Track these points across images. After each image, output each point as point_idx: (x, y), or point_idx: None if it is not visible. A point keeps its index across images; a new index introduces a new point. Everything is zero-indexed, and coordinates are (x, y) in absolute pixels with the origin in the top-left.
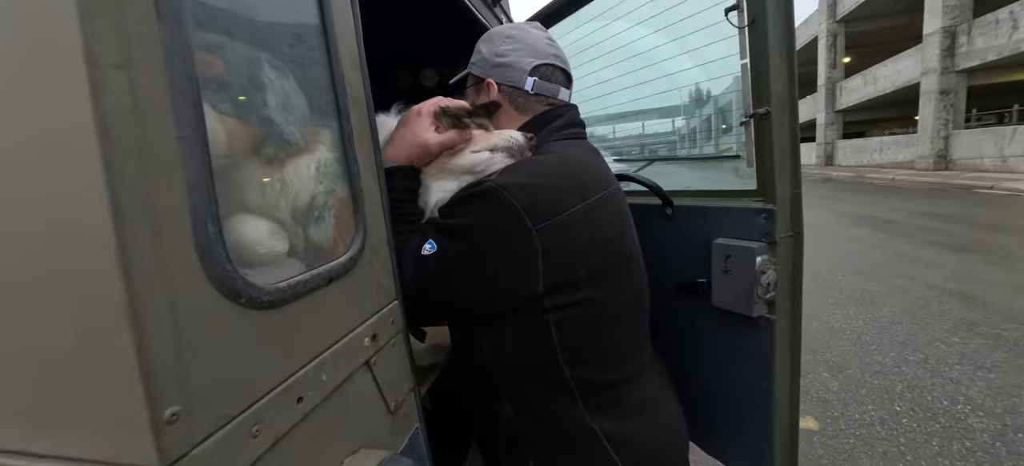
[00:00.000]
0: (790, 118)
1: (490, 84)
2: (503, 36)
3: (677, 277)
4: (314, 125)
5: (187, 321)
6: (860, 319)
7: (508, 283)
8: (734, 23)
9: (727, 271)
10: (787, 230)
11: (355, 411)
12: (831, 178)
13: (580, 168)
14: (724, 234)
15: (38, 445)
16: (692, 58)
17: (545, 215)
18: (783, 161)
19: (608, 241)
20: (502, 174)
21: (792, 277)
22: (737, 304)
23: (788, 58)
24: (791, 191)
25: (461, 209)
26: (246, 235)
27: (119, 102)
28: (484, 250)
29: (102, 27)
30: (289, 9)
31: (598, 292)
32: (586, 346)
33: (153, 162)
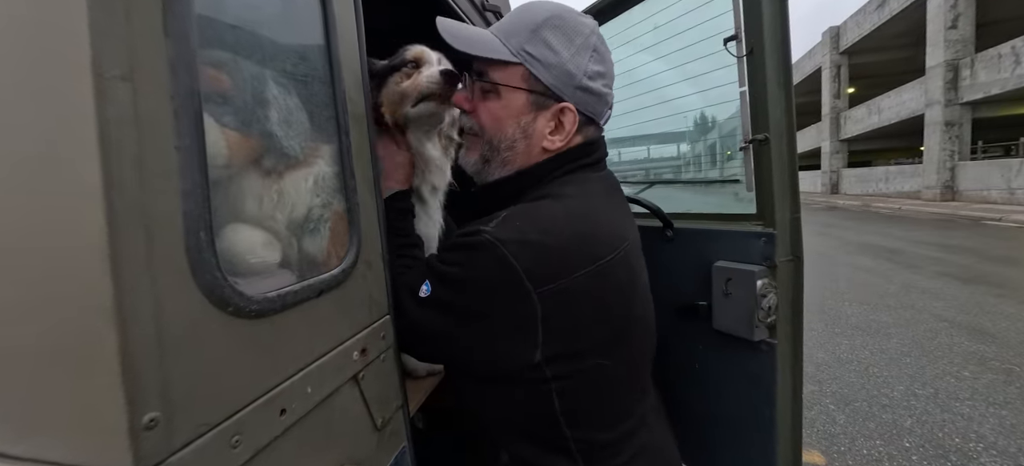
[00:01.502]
0: (788, 145)
1: (569, 110)
2: (588, 45)
3: (678, 299)
4: (314, 140)
5: (172, 326)
6: (867, 350)
7: (503, 348)
8: (733, 53)
9: (728, 294)
10: (787, 254)
11: (340, 426)
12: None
13: (593, 222)
14: (725, 257)
15: (20, 448)
16: (694, 85)
17: (548, 278)
18: (782, 186)
19: (617, 305)
20: (502, 225)
21: (793, 301)
22: (738, 327)
23: (785, 87)
24: (790, 215)
25: (455, 256)
26: (239, 244)
27: (121, 112)
28: (474, 307)
29: (110, 41)
30: (295, 29)
31: (604, 358)
32: (589, 409)
33: (150, 170)
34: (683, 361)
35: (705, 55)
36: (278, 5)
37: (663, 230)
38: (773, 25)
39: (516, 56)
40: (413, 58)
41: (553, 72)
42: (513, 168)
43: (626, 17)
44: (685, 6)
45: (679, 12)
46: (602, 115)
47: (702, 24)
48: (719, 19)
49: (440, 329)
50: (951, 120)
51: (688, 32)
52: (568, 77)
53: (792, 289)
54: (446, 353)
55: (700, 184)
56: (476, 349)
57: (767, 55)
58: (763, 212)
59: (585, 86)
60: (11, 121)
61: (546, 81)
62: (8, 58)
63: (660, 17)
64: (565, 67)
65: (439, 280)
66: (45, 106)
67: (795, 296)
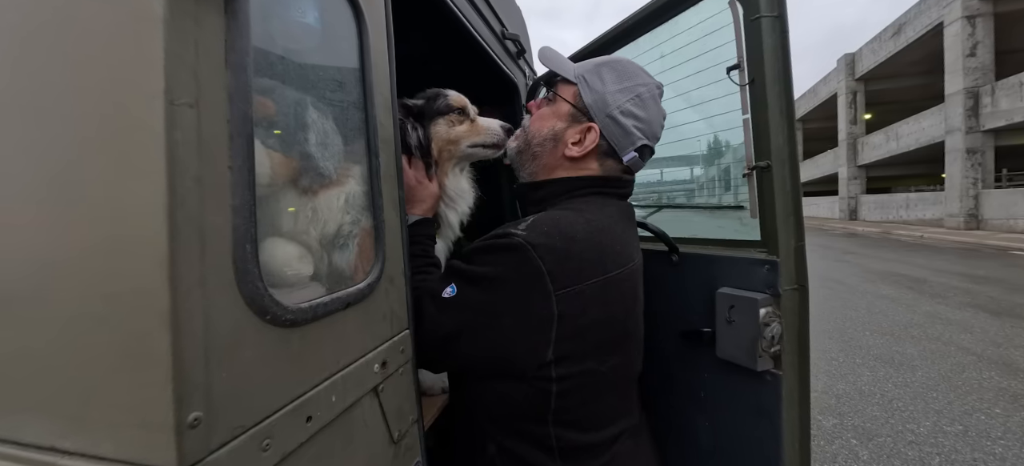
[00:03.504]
0: (791, 172)
1: (593, 129)
2: (633, 91)
3: (682, 324)
4: (346, 161)
5: (218, 332)
6: (891, 382)
7: (521, 343)
8: (735, 81)
9: (731, 321)
10: (792, 283)
11: (360, 437)
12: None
13: (607, 239)
14: (728, 283)
15: (69, 442)
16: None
17: (567, 281)
18: (785, 214)
19: (617, 317)
20: (531, 229)
21: (799, 332)
22: (741, 356)
23: (787, 115)
24: (795, 243)
25: (485, 258)
26: (277, 257)
27: (186, 135)
28: (503, 305)
29: (181, 71)
30: (335, 58)
31: (600, 364)
32: (577, 411)
33: (207, 188)
34: (688, 388)
35: (710, 83)
36: (320, 37)
37: (669, 254)
38: (774, 55)
39: (575, 78)
40: (459, 106)
41: (594, 96)
42: (540, 166)
43: (634, 46)
44: (690, 36)
45: (684, 41)
46: (624, 149)
47: (707, 53)
48: (723, 49)
49: (463, 328)
50: (973, 147)
51: (694, 61)
52: (603, 104)
53: (797, 319)
54: (465, 351)
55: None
56: (496, 345)
57: (768, 84)
58: (767, 239)
59: (614, 116)
60: (90, 140)
61: (587, 101)
62: (91, 83)
63: (666, 46)
64: (604, 96)
65: (468, 280)
66: (121, 127)
67: (801, 326)
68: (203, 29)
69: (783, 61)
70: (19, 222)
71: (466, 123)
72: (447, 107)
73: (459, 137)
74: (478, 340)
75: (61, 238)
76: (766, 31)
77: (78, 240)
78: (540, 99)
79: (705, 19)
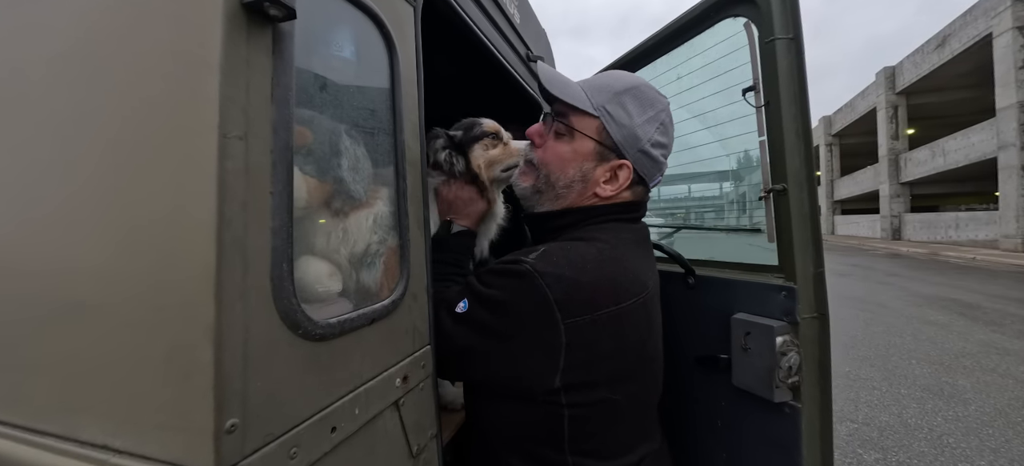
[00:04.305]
0: (809, 196)
1: (626, 167)
2: (658, 118)
3: (698, 349)
4: (376, 183)
5: (255, 344)
6: (940, 416)
7: (527, 369)
8: (751, 103)
9: (747, 349)
10: (811, 311)
11: (381, 449)
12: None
13: (621, 267)
14: (744, 309)
15: (119, 441)
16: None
17: (576, 311)
18: (803, 239)
19: (632, 346)
20: (542, 258)
21: (820, 363)
22: (758, 386)
23: (804, 137)
24: (814, 270)
25: (496, 281)
26: (309, 274)
27: (236, 165)
28: (509, 330)
29: (233, 108)
30: (368, 88)
31: (613, 393)
32: (593, 439)
33: (251, 212)
34: (705, 417)
35: (727, 104)
36: (355, 68)
37: (685, 277)
38: (789, 77)
39: (596, 110)
40: (493, 131)
41: (623, 132)
42: (563, 205)
43: (651, 68)
44: (707, 58)
45: (701, 63)
46: (653, 179)
47: (723, 75)
48: (739, 70)
49: (472, 344)
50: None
51: (710, 82)
52: (634, 139)
53: (818, 349)
54: (473, 367)
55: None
56: (503, 366)
57: (784, 106)
58: (784, 265)
59: (646, 151)
60: (153, 169)
61: (616, 137)
62: (158, 120)
63: (683, 68)
64: (634, 131)
65: (478, 300)
66: (180, 159)
67: (822, 357)
68: (253, 70)
69: (799, 82)
70: (90, 237)
71: (500, 147)
72: (482, 133)
73: (494, 160)
74: (486, 359)
75: (123, 253)
76: (781, 53)
77: (137, 256)
78: (548, 128)
79: (721, 41)
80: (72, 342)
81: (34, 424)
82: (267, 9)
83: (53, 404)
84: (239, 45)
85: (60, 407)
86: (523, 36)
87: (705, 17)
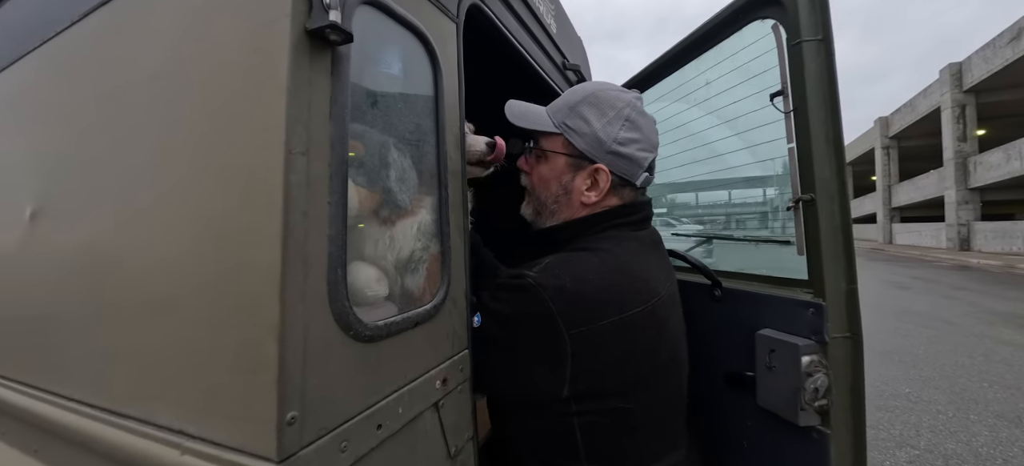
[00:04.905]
0: (840, 207)
1: (602, 170)
2: (620, 116)
3: (725, 365)
4: (420, 192)
5: (312, 343)
6: (1017, 447)
7: (534, 379)
8: (779, 108)
9: (771, 367)
10: (842, 330)
11: (421, 448)
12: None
13: (625, 276)
14: (770, 325)
15: (192, 427)
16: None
17: (579, 322)
18: (834, 253)
19: (643, 354)
20: (544, 272)
21: (852, 386)
22: (782, 408)
23: (834, 144)
24: (846, 286)
25: (503, 295)
26: (359, 279)
27: (299, 178)
28: (514, 342)
29: (297, 126)
30: (414, 102)
31: (626, 402)
32: (611, 448)
33: (312, 220)
34: (733, 436)
35: (755, 110)
36: (402, 85)
37: (711, 289)
38: (818, 81)
39: (558, 128)
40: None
41: (586, 139)
42: (560, 219)
43: (680, 75)
44: (734, 62)
45: (728, 68)
46: (636, 176)
47: (751, 80)
48: (767, 75)
49: (485, 357)
50: None
51: (738, 87)
52: (598, 143)
53: (850, 372)
54: (488, 379)
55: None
56: (513, 378)
57: (812, 111)
58: (813, 279)
59: (615, 151)
60: (228, 183)
61: (580, 147)
62: (231, 138)
63: (711, 73)
64: (596, 135)
65: (488, 314)
66: (250, 173)
67: (854, 380)
68: (314, 90)
69: (829, 87)
70: (171, 239)
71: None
72: None
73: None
74: (498, 371)
75: (199, 255)
76: (809, 56)
77: (211, 257)
78: (529, 157)
79: (748, 45)
80: (153, 334)
81: (118, 408)
82: (328, 35)
83: (135, 390)
84: (303, 68)
85: (141, 394)
86: (559, 45)
87: (732, 20)
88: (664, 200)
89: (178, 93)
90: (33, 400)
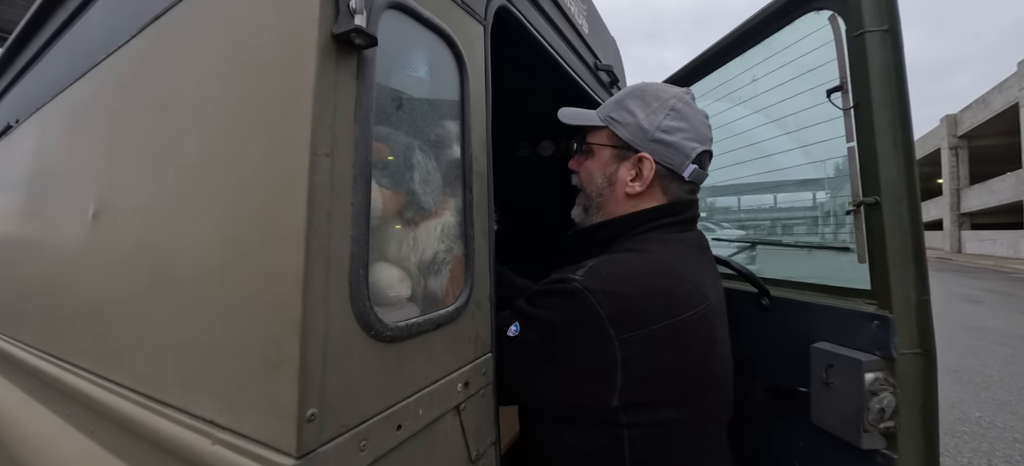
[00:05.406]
0: (909, 211)
1: (645, 159)
2: (665, 106)
3: (772, 379)
4: (444, 194)
5: (333, 342)
6: None
7: (582, 389)
8: (838, 105)
9: (829, 384)
10: (912, 346)
11: (441, 451)
12: None
13: (675, 279)
14: (826, 338)
15: (223, 418)
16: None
17: (629, 326)
18: (903, 260)
19: (694, 363)
20: (590, 274)
21: (924, 407)
22: (841, 428)
23: (903, 143)
24: (916, 298)
25: (545, 301)
26: (382, 279)
27: (323, 179)
28: (561, 351)
29: (322, 128)
30: (439, 104)
31: (677, 413)
32: (657, 463)
33: (334, 221)
34: (781, 456)
35: (809, 107)
36: (428, 87)
37: (758, 298)
38: (885, 75)
39: (602, 121)
40: None
41: (629, 129)
42: (605, 214)
43: (724, 71)
44: (785, 57)
45: (779, 63)
46: (682, 166)
47: (805, 75)
48: (823, 69)
49: (525, 367)
50: None
51: (790, 83)
52: (641, 132)
53: (922, 392)
54: (528, 391)
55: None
56: (557, 389)
57: (877, 108)
58: (878, 289)
59: (658, 138)
60: (252, 179)
61: (623, 136)
62: (257, 134)
63: (759, 69)
64: (639, 124)
65: (528, 322)
66: (276, 173)
67: (926, 401)
68: (340, 93)
69: (897, 81)
70: (204, 238)
71: None
72: None
73: None
74: (540, 382)
75: (229, 253)
76: (873, 48)
77: (240, 256)
78: (579, 156)
79: (802, 38)
80: (191, 328)
81: (161, 396)
82: (353, 39)
83: (174, 380)
84: (329, 72)
85: (180, 384)
86: (591, 46)
87: (784, 13)
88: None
89: (217, 100)
90: (92, 385)
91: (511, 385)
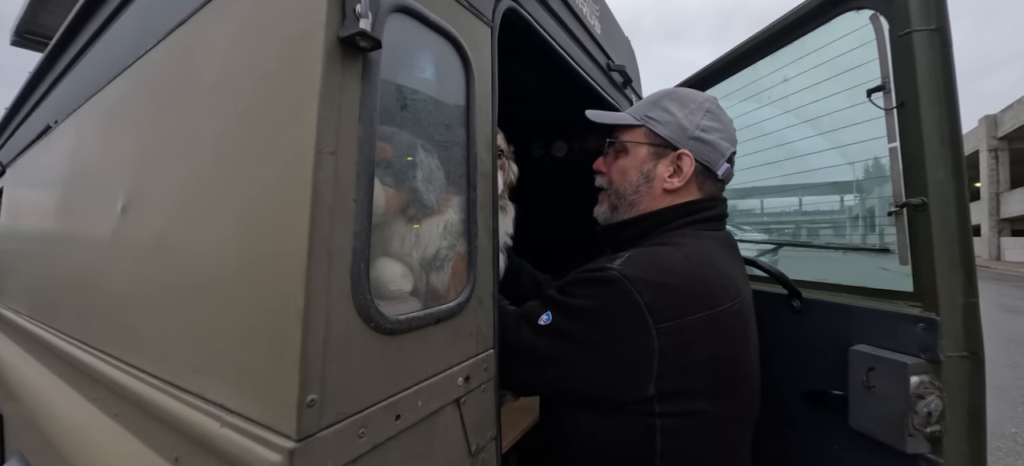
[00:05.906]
0: (957, 212)
1: (685, 155)
2: (701, 107)
3: (804, 382)
4: (448, 192)
5: (334, 332)
6: None
7: (617, 378)
8: (879, 105)
9: (870, 387)
10: (960, 349)
11: (440, 442)
12: None
13: (712, 272)
14: (866, 340)
15: (232, 402)
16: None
17: (668, 315)
18: (950, 262)
19: (727, 356)
20: (628, 263)
21: (971, 412)
22: (884, 432)
23: (952, 143)
24: (964, 300)
25: (581, 290)
26: (384, 274)
27: (327, 176)
28: (598, 338)
29: (327, 127)
30: (445, 105)
31: (712, 406)
32: (687, 456)
33: (337, 216)
34: (814, 460)
35: (844, 107)
36: (434, 88)
37: (788, 299)
38: (932, 74)
39: (639, 120)
40: (500, 148)
41: (669, 127)
42: (640, 210)
43: (751, 71)
44: (820, 57)
45: (812, 63)
46: (717, 164)
47: (841, 75)
48: (861, 69)
49: (557, 355)
50: None
51: (824, 84)
52: (681, 130)
53: (969, 395)
54: (558, 380)
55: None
56: (591, 376)
57: (924, 108)
58: (922, 292)
59: (698, 136)
60: (260, 179)
61: (663, 134)
62: (265, 133)
63: (790, 70)
64: (679, 122)
65: (562, 311)
66: (283, 171)
67: (973, 405)
68: (345, 94)
69: (945, 80)
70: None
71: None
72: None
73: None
74: (573, 371)
75: (237, 244)
76: (921, 47)
77: (247, 247)
78: (608, 156)
79: (839, 38)
80: (202, 317)
81: (176, 380)
82: (358, 42)
83: (189, 365)
84: (335, 73)
85: (194, 368)
86: (604, 47)
87: (821, 11)
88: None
89: (229, 101)
90: (116, 371)
91: (539, 375)
